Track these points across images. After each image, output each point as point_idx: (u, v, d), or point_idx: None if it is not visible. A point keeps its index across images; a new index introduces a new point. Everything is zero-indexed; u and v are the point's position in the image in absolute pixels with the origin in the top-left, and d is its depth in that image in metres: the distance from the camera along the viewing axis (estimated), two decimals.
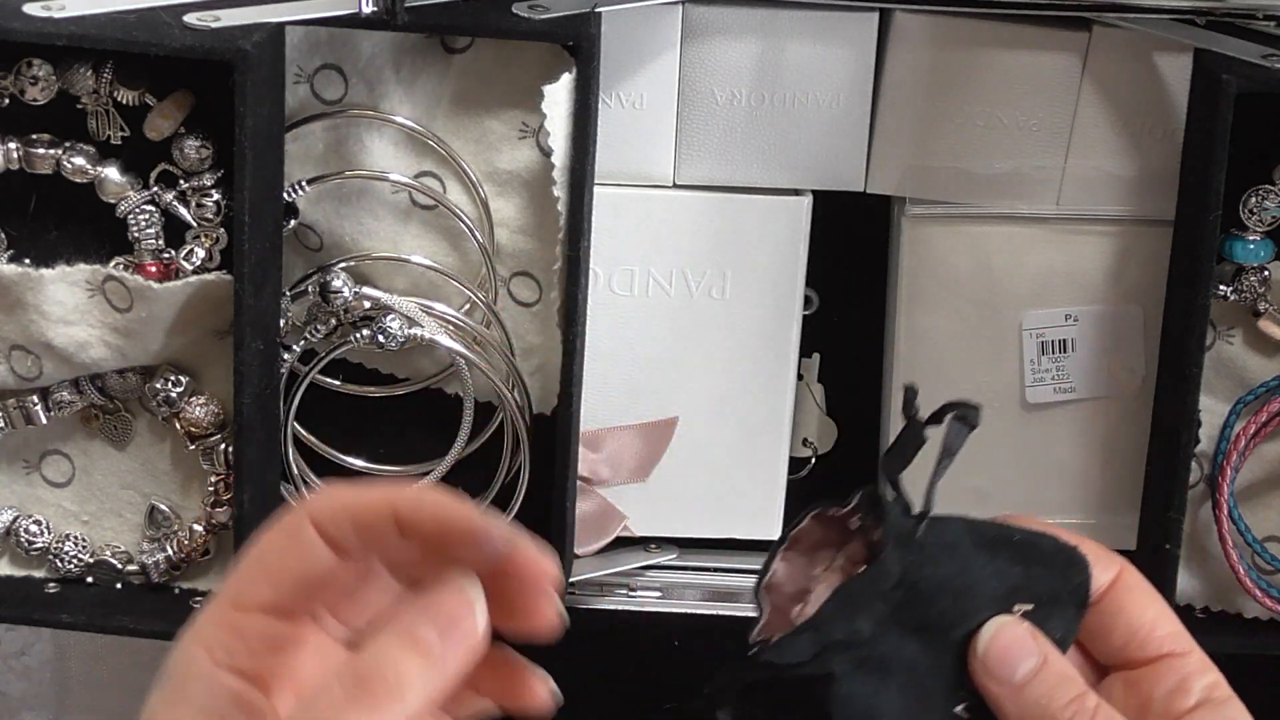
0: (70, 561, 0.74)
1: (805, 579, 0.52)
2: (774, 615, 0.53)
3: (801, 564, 0.53)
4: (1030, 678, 0.51)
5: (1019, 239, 0.76)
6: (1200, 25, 0.70)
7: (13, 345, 0.71)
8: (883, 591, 0.50)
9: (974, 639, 0.51)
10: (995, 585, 0.52)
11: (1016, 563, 0.52)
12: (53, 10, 0.65)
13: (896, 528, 0.50)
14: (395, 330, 0.72)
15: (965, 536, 0.52)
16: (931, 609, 0.51)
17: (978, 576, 0.51)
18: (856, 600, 0.50)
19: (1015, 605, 0.52)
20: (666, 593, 0.82)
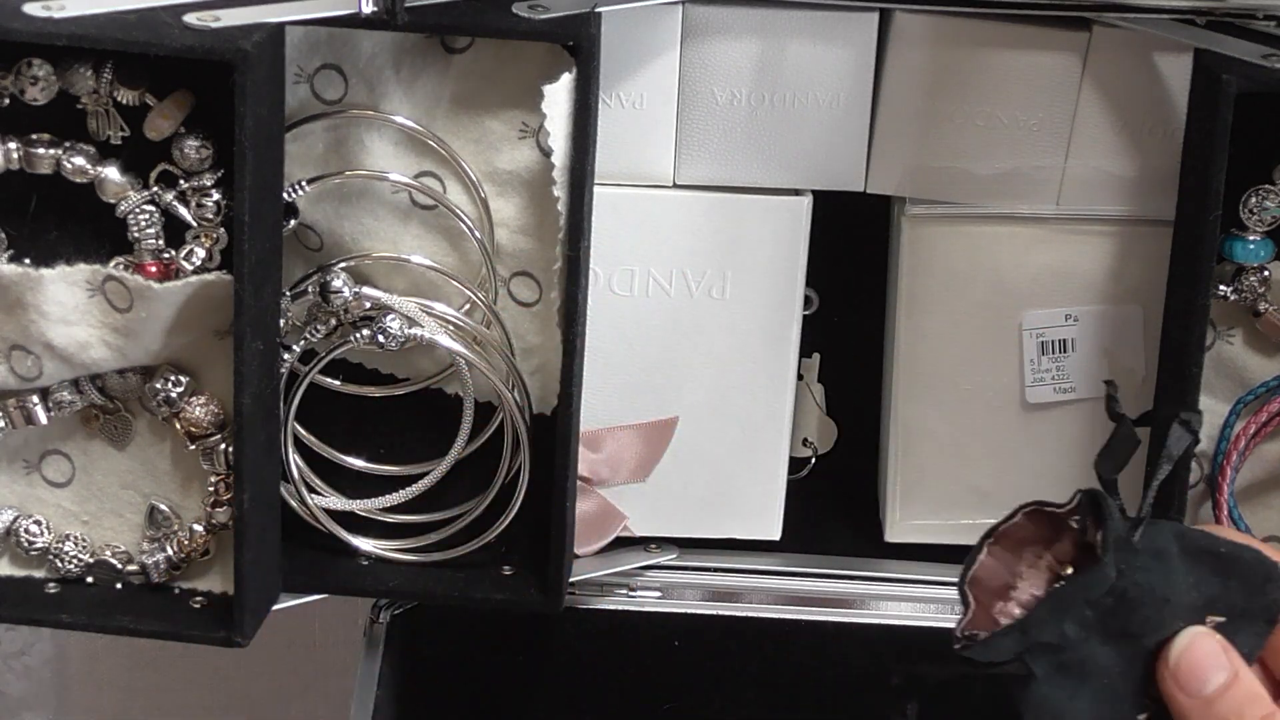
0: (70, 561, 0.74)
1: (1009, 574, 0.52)
2: (979, 610, 0.52)
3: (1007, 559, 0.53)
4: (1221, 693, 0.50)
5: (1019, 239, 0.76)
6: (1200, 25, 0.70)
7: (13, 345, 0.71)
8: (1095, 597, 0.50)
9: (1166, 648, 0.51)
10: (1194, 595, 0.52)
11: (1217, 574, 0.52)
12: (53, 10, 0.65)
13: (1117, 531, 0.50)
14: (395, 330, 0.72)
15: (1174, 544, 0.52)
16: (1134, 616, 0.51)
17: (1180, 586, 0.51)
18: (1069, 604, 0.50)
19: (1208, 616, 0.52)
20: (666, 593, 0.82)
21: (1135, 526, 0.51)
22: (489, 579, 0.76)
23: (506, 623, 0.82)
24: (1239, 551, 0.52)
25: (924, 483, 0.80)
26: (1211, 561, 0.52)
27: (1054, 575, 0.52)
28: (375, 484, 0.77)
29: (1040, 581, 0.51)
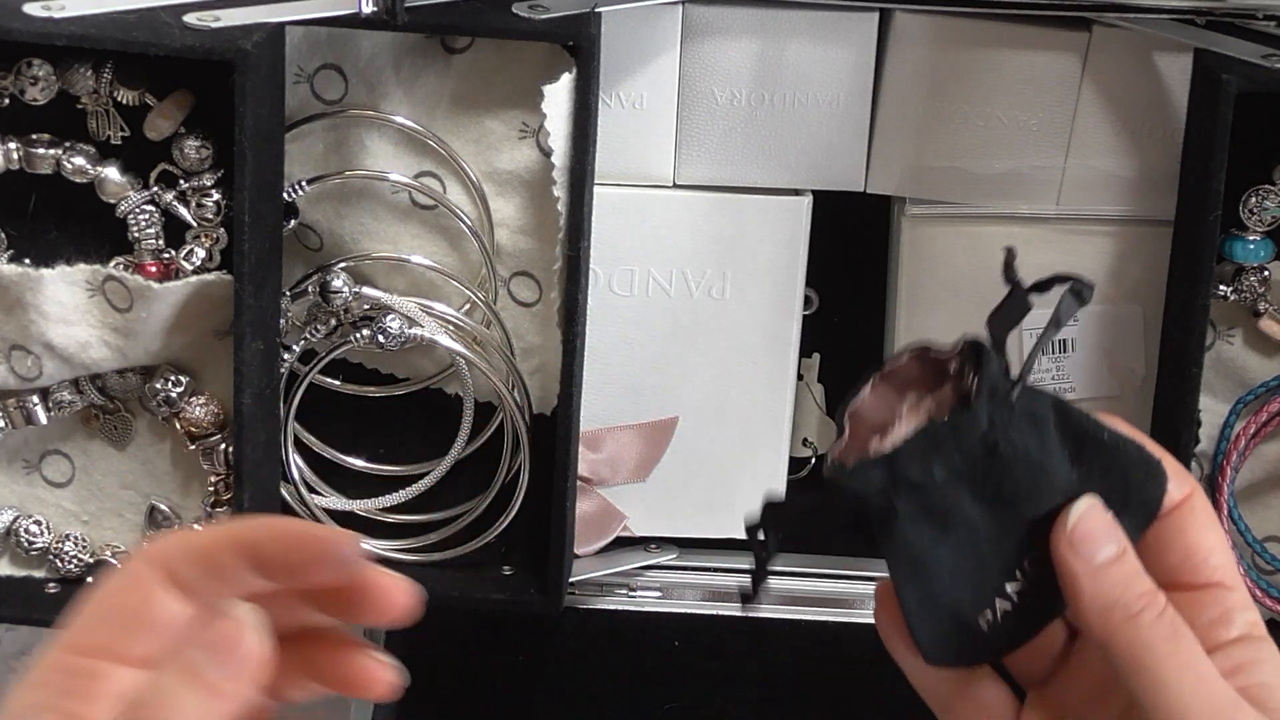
0: (70, 561, 0.74)
1: (890, 413, 0.52)
2: (853, 442, 0.52)
3: (890, 398, 0.52)
4: (1111, 563, 0.50)
5: (1019, 239, 0.76)
6: (1200, 25, 0.70)
7: (13, 345, 0.71)
8: (964, 443, 0.50)
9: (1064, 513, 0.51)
10: (1073, 475, 0.51)
11: (1098, 460, 0.51)
12: (53, 10, 0.65)
13: (993, 380, 0.50)
14: (395, 330, 0.72)
15: (1053, 415, 0.51)
16: (1006, 478, 0.51)
17: (1058, 460, 0.51)
18: (938, 443, 0.50)
19: None
20: (666, 593, 0.82)
21: (1013, 385, 0.50)
22: (489, 579, 0.76)
23: (506, 623, 0.82)
24: (1121, 443, 0.52)
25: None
26: (1093, 446, 0.52)
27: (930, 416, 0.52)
28: (375, 484, 0.77)
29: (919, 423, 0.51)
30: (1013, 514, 0.51)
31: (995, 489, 0.51)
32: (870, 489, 0.50)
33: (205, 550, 0.46)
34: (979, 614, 0.52)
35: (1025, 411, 0.51)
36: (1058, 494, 0.51)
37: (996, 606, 0.52)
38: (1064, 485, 0.51)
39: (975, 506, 0.51)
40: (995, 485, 0.51)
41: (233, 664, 0.45)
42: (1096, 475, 0.51)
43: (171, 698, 0.44)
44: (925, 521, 0.51)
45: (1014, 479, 0.51)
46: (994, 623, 0.52)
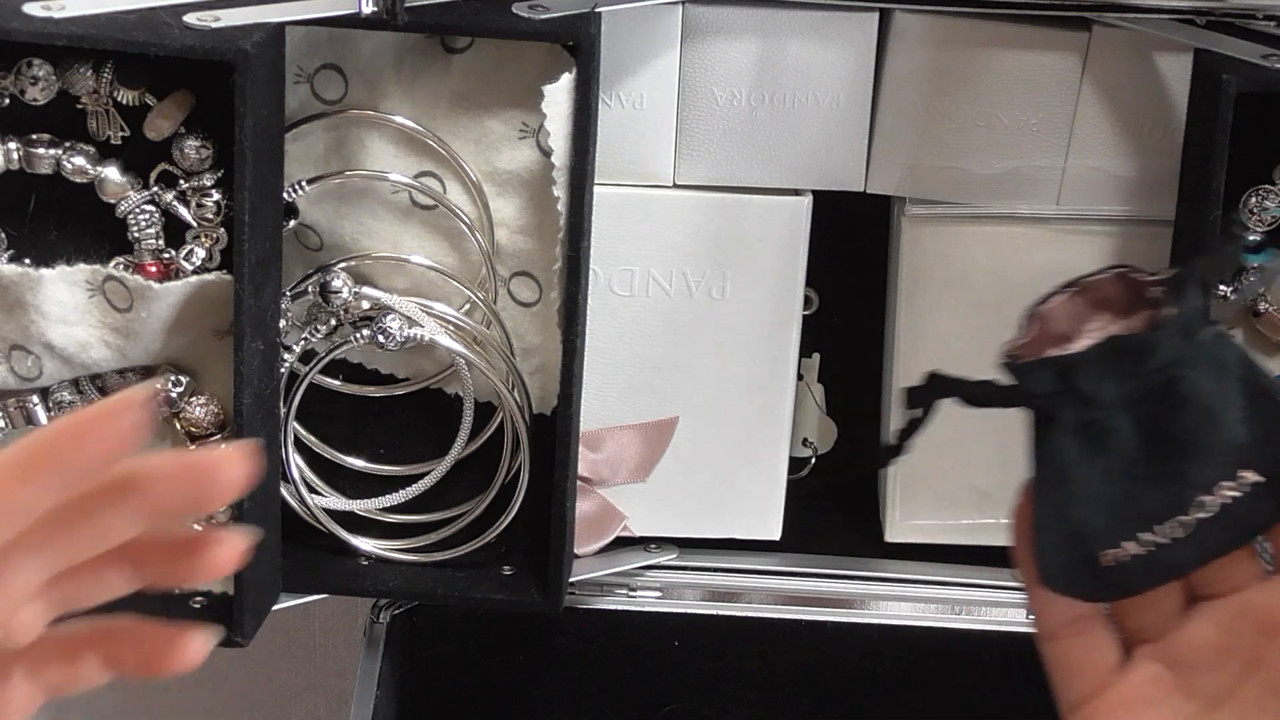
0: None
1: (1077, 325, 0.52)
2: (1033, 340, 0.52)
3: (1080, 312, 0.52)
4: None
5: (1019, 239, 0.76)
6: (1200, 25, 0.70)
7: (13, 345, 0.71)
8: (1144, 368, 0.49)
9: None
10: (1242, 433, 0.50)
11: (1268, 422, 0.51)
12: (53, 10, 0.65)
13: (1189, 314, 0.49)
14: (395, 330, 0.72)
15: (1240, 368, 0.51)
16: (1177, 419, 0.50)
17: (1232, 414, 0.50)
18: (1117, 360, 0.49)
19: (1243, 472, 0.51)
20: (666, 593, 0.82)
21: (1206, 323, 0.50)
22: (489, 579, 0.76)
23: (506, 623, 0.82)
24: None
25: (924, 483, 0.80)
26: (1268, 405, 0.51)
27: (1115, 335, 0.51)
28: (375, 484, 0.77)
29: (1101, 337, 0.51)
30: (1175, 463, 0.51)
31: (1163, 428, 0.50)
32: (1037, 389, 0.50)
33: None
34: (1106, 548, 0.51)
35: (1212, 356, 0.50)
36: (1227, 455, 0.50)
37: (1125, 549, 0.51)
38: (1234, 446, 0.50)
39: (1137, 439, 0.50)
40: (1164, 424, 0.50)
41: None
42: (1264, 440, 0.50)
43: None
44: (1081, 437, 0.50)
45: (1185, 423, 0.50)
46: (1118, 564, 0.51)
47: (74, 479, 0.45)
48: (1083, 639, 0.54)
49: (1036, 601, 0.55)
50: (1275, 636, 0.51)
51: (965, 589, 0.81)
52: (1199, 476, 0.51)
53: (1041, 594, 0.54)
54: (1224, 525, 0.51)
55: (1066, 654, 0.54)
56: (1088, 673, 0.54)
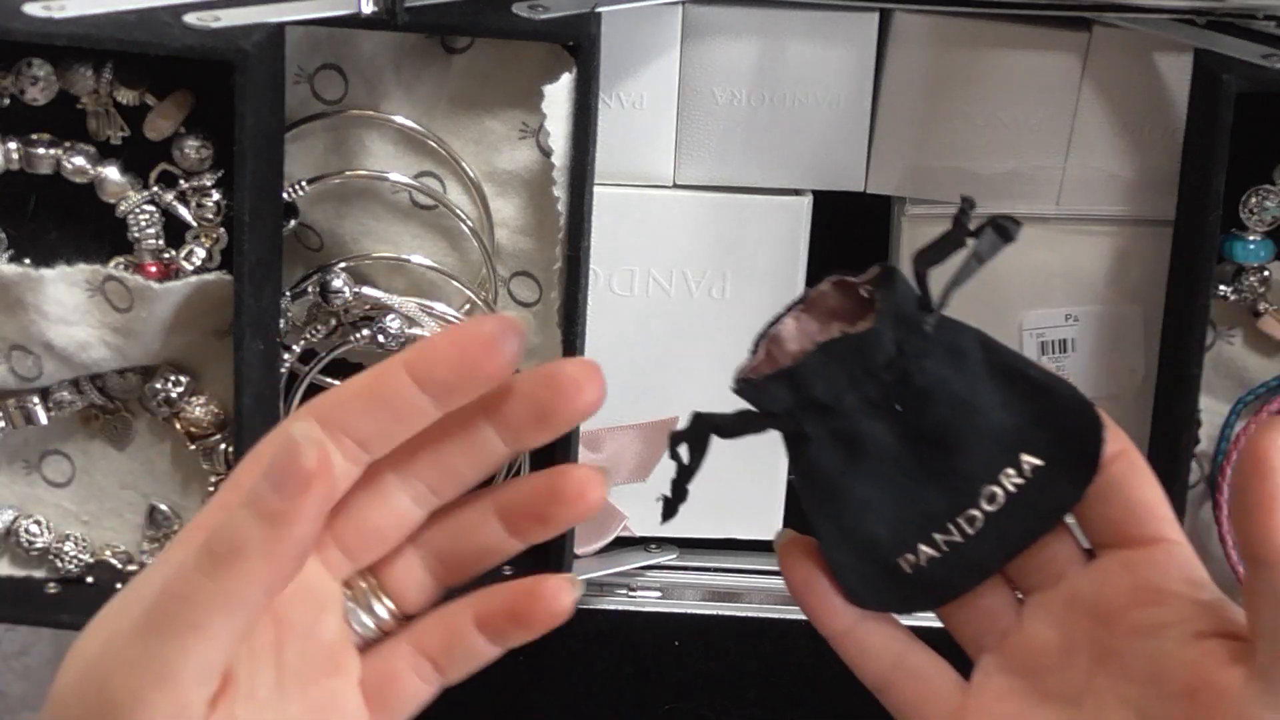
0: (70, 561, 0.74)
1: (812, 340, 0.51)
2: (766, 361, 0.51)
3: (812, 328, 0.51)
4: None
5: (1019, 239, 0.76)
6: (1200, 25, 0.70)
7: (13, 345, 0.71)
8: (872, 366, 0.49)
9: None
10: (1002, 417, 0.50)
11: (1029, 402, 0.50)
12: (53, 10, 0.65)
13: (899, 302, 0.49)
14: (395, 330, 0.72)
15: (979, 351, 0.50)
16: (928, 414, 0.49)
17: (985, 399, 0.49)
18: (840, 361, 0.49)
19: (1023, 457, 0.50)
20: (666, 593, 0.82)
21: (927, 310, 0.49)
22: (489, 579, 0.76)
23: None
24: (1052, 382, 0.50)
25: None
26: (1023, 385, 0.50)
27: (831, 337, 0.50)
28: None
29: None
30: (945, 458, 0.50)
31: (919, 425, 0.49)
32: (776, 407, 0.49)
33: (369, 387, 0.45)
34: (901, 554, 0.51)
35: (946, 344, 0.49)
36: (997, 441, 0.49)
37: (920, 552, 0.51)
38: (1002, 431, 0.49)
39: (896, 440, 0.50)
40: (918, 421, 0.49)
41: (291, 486, 0.43)
42: (1033, 422, 0.50)
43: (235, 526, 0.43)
44: (836, 448, 0.50)
45: (938, 417, 0.49)
46: (918, 570, 0.51)
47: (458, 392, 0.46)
48: (915, 674, 0.53)
49: (853, 653, 0.53)
50: (1112, 622, 0.50)
51: None
52: (974, 468, 0.50)
53: (856, 644, 0.52)
54: (1019, 514, 0.50)
55: (906, 696, 0.53)
56: (936, 705, 0.52)
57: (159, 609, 0.43)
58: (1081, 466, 0.50)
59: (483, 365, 0.45)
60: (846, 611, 0.52)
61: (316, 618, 0.48)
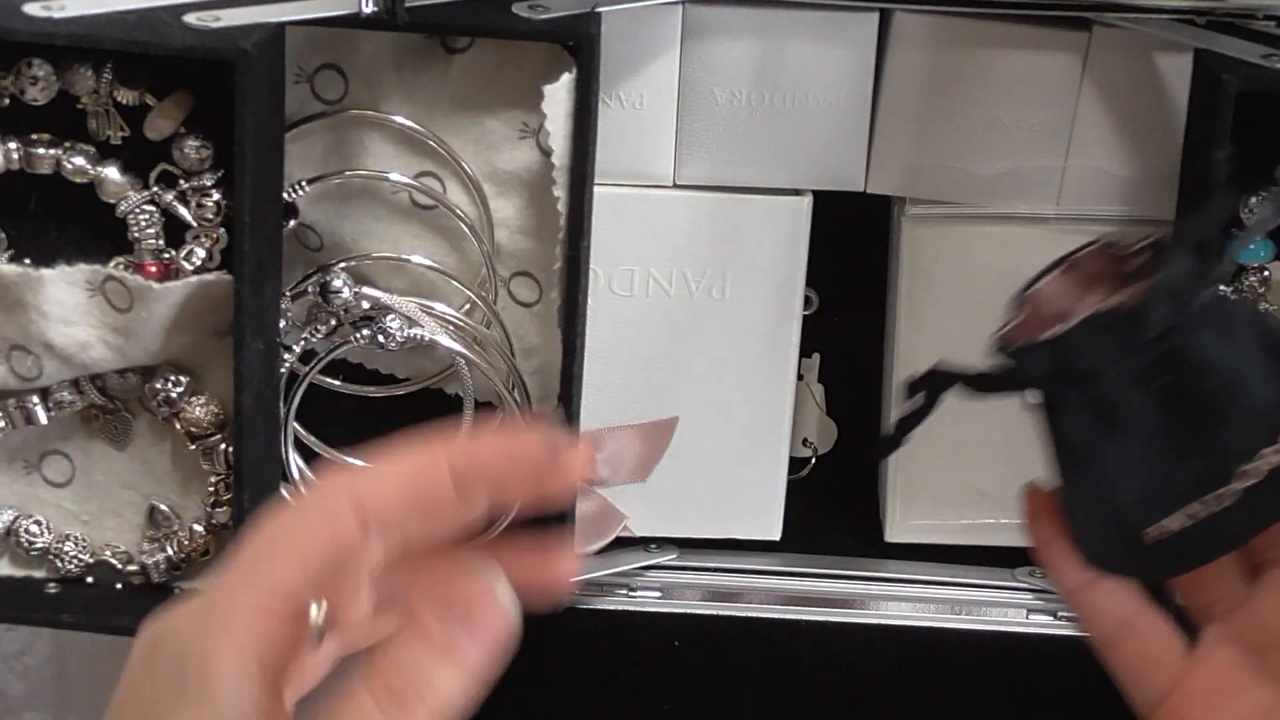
0: (70, 561, 0.74)
1: (1073, 303, 0.50)
2: (1026, 322, 0.50)
3: (1075, 289, 0.50)
4: None
5: (1019, 239, 0.76)
6: (1200, 25, 0.70)
7: (13, 345, 0.71)
8: (1138, 341, 0.47)
9: None
10: (1267, 394, 0.48)
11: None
12: (53, 10, 0.65)
13: (1172, 279, 0.47)
14: (395, 330, 0.72)
15: (1250, 328, 0.48)
16: (1193, 389, 0.48)
17: (1253, 375, 0.48)
18: (1107, 334, 0.47)
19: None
20: (666, 593, 0.82)
21: (1202, 285, 0.47)
22: None
23: None
24: None
25: (924, 483, 0.80)
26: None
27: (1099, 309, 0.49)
28: None
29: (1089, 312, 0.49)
30: (1206, 432, 0.49)
31: (1182, 399, 0.48)
32: (1034, 373, 0.48)
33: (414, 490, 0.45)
34: (1147, 525, 0.50)
35: (1216, 319, 0.48)
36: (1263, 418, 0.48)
37: (1169, 524, 0.50)
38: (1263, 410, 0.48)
39: (1158, 413, 0.49)
40: (1182, 394, 0.48)
41: (488, 636, 0.43)
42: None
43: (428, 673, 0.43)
44: (1093, 416, 0.49)
45: (1203, 391, 0.48)
46: (1163, 540, 0.50)
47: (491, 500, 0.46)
48: (1141, 636, 0.52)
49: (1083, 610, 0.52)
50: None
51: (965, 589, 0.81)
52: (1236, 444, 0.49)
53: (1087, 601, 0.52)
54: (1274, 491, 0.49)
55: (1129, 656, 0.52)
56: (1157, 670, 0.52)
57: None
58: None
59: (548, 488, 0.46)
60: (1082, 570, 0.52)
61: None
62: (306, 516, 0.45)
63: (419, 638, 0.44)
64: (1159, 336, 0.48)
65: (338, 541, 0.44)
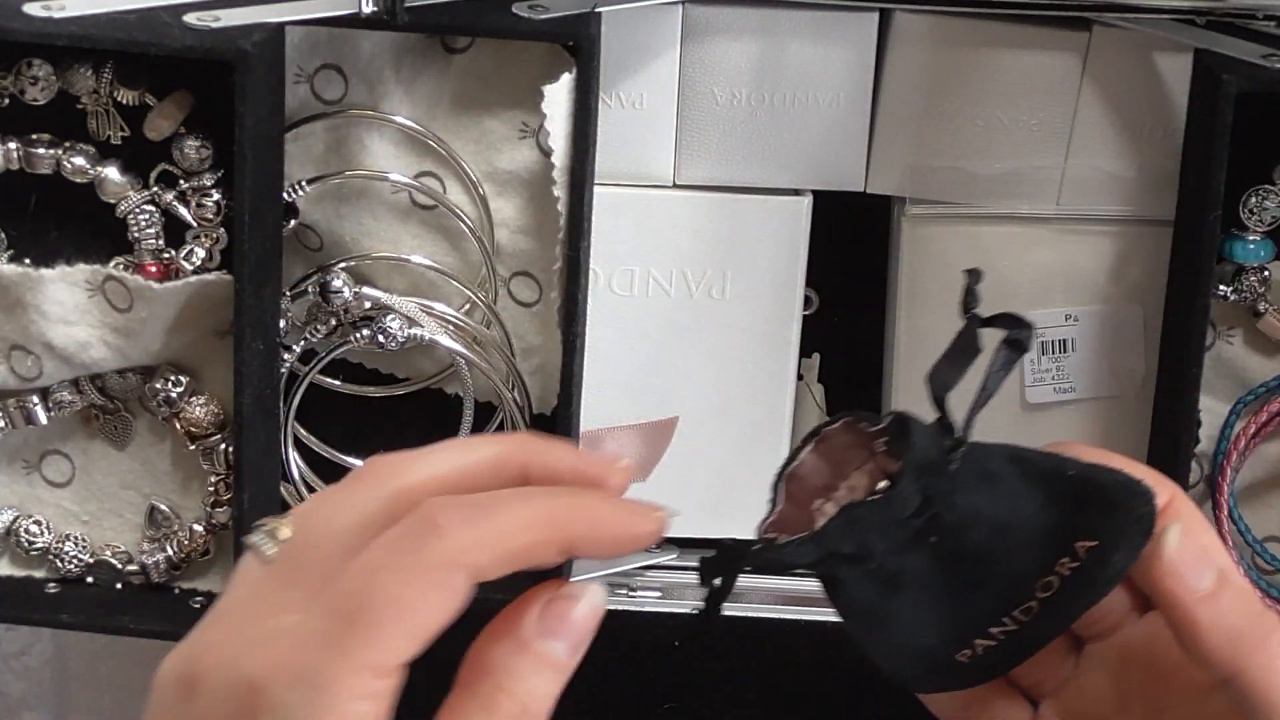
0: (70, 561, 0.74)
1: (833, 475, 0.50)
2: (789, 509, 0.50)
3: (829, 463, 0.50)
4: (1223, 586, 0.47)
5: (1019, 239, 0.76)
6: (1200, 25, 0.70)
7: (13, 345, 0.71)
8: (897, 519, 0.48)
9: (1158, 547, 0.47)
10: (1046, 517, 0.49)
11: (1072, 498, 0.49)
12: (53, 10, 0.65)
13: (920, 459, 0.47)
14: (395, 330, 0.72)
15: (1010, 467, 0.49)
16: (965, 540, 0.48)
17: (1024, 510, 0.49)
18: (866, 522, 0.48)
19: (1077, 543, 0.49)
20: (666, 593, 0.82)
21: (952, 450, 0.47)
22: None
23: None
24: (1093, 474, 0.49)
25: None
26: (1063, 485, 0.49)
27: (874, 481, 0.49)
28: None
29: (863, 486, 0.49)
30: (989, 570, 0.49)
31: (957, 549, 0.49)
32: (803, 561, 0.48)
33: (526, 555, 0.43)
34: (955, 654, 0.50)
35: (975, 472, 0.48)
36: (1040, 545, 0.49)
37: (977, 645, 0.50)
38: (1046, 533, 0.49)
39: (936, 565, 0.49)
40: (956, 545, 0.49)
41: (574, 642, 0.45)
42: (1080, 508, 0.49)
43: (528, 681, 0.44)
44: (873, 585, 0.49)
45: (975, 540, 0.49)
46: (976, 656, 0.50)
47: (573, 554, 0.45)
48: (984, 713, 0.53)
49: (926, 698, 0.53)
50: (1165, 678, 0.49)
51: None
52: (1024, 571, 0.49)
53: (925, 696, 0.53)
54: (1077, 590, 0.49)
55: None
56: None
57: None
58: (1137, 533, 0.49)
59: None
60: None
61: None
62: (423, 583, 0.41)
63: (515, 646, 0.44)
64: (917, 510, 0.48)
65: (451, 615, 0.42)
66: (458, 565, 0.42)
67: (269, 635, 0.42)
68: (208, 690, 0.42)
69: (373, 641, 0.41)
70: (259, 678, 0.41)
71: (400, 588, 0.41)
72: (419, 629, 0.41)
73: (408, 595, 0.41)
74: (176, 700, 0.43)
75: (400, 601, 0.41)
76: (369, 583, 0.41)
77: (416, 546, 0.42)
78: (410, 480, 0.45)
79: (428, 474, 0.45)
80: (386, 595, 0.41)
